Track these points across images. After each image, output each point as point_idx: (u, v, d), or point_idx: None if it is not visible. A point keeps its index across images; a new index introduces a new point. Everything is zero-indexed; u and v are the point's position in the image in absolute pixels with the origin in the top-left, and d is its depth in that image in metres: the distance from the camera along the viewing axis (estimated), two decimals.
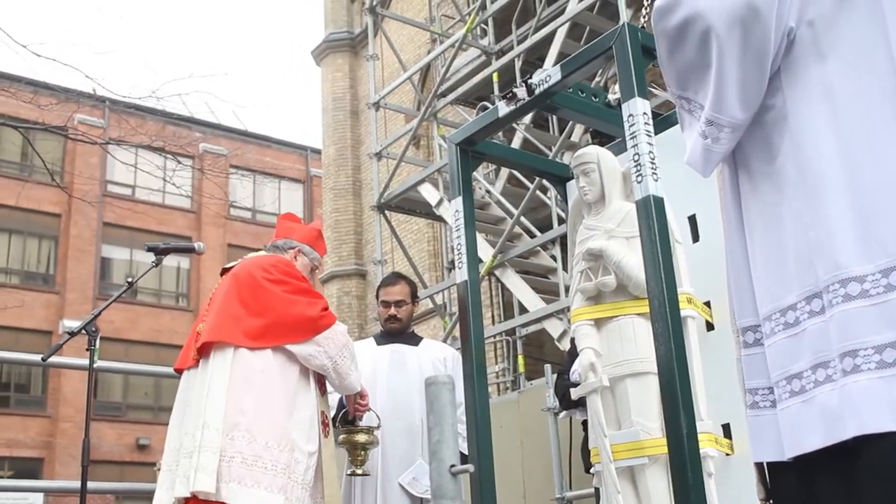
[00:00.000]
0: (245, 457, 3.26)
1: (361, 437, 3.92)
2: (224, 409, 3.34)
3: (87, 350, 4.13)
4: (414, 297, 4.74)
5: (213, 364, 3.45)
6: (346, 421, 4.04)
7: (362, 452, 3.91)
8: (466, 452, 3.65)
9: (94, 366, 4.17)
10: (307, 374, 3.57)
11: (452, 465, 1.28)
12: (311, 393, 3.56)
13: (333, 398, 4.36)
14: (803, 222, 1.76)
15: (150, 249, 4.13)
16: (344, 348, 3.58)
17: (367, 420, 4.16)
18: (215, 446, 3.27)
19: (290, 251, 3.86)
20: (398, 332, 4.64)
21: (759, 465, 1.96)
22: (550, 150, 9.40)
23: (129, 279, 4.29)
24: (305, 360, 3.52)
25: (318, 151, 26.58)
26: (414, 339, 4.71)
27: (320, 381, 3.67)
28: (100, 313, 4.14)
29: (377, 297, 4.75)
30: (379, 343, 4.63)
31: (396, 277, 4.87)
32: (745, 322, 1.92)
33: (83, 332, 4.15)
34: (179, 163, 10.35)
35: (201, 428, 3.31)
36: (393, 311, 4.61)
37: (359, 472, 3.92)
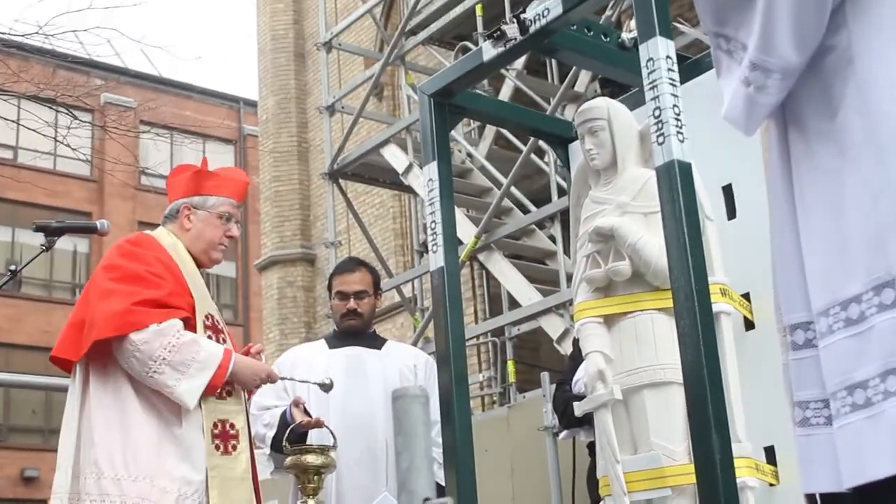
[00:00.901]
0: (93, 498, 3.33)
1: (313, 459, 3.90)
2: (73, 443, 3.43)
3: None
4: (377, 289, 4.75)
5: (70, 388, 3.58)
6: (294, 440, 4.04)
7: (315, 478, 3.90)
8: (443, 483, 3.66)
9: None
10: None
11: (427, 499, 1.28)
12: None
13: (276, 409, 4.38)
14: (871, 192, 1.78)
15: (38, 229, 4.09)
16: (163, 351, 3.45)
17: (317, 438, 4.16)
18: (62, 492, 3.38)
19: (178, 216, 3.80)
20: (358, 331, 4.64)
21: (810, 498, 1.98)
22: (549, 103, 9.40)
23: (12, 267, 4.25)
24: (125, 366, 3.50)
25: (253, 104, 26.38)
26: (376, 342, 4.72)
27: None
28: None
29: (330, 287, 4.76)
30: (332, 346, 4.64)
31: (355, 263, 4.86)
32: (794, 318, 1.94)
33: None
34: (75, 118, 10.26)
35: (56, 470, 3.44)
36: (352, 303, 4.61)
37: (310, 503, 3.92)
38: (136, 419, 3.44)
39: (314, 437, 4.19)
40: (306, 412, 4.19)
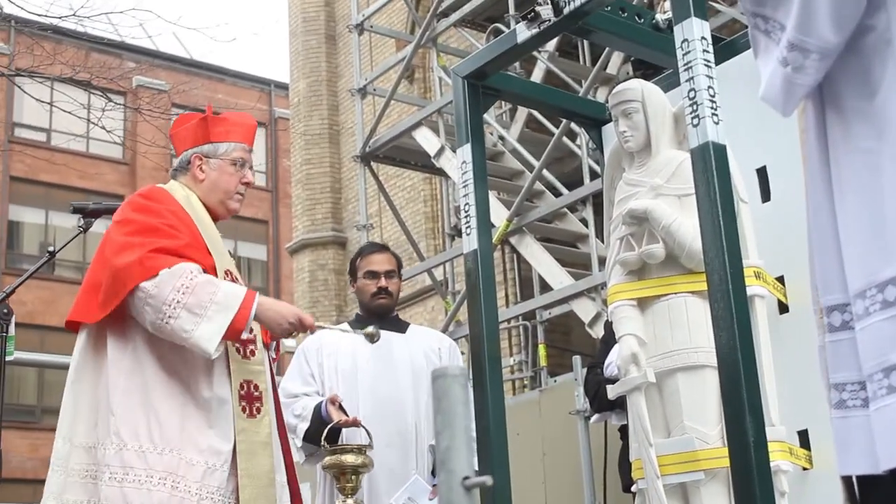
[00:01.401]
0: (114, 471, 3.15)
1: (351, 459, 3.92)
2: (72, 412, 3.30)
3: None
4: (400, 272, 4.78)
5: (76, 353, 3.42)
6: (330, 438, 4.06)
7: (353, 478, 3.93)
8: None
9: (8, 358, 4.18)
10: None
11: (466, 478, 1.29)
12: (209, 362, 3.30)
13: (308, 400, 4.39)
14: None
15: (76, 210, 4.13)
16: (176, 294, 3.21)
17: (351, 437, 4.18)
18: (61, 463, 3.25)
19: (189, 166, 3.60)
20: (387, 311, 4.67)
21: (846, 480, 1.98)
22: (581, 84, 9.38)
23: (50, 248, 4.29)
24: (140, 320, 3.27)
25: (284, 87, 26.48)
26: (400, 326, 4.74)
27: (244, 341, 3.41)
28: (12, 292, 4.16)
29: (354, 270, 4.77)
30: (357, 330, 4.65)
31: (381, 245, 4.91)
32: (830, 300, 1.94)
33: None
34: (110, 100, 10.33)
35: (56, 439, 3.29)
36: (383, 282, 4.63)
37: (349, 502, 3.94)
38: (159, 385, 3.25)
39: (348, 435, 4.20)
40: (342, 409, 4.20)
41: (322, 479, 4.47)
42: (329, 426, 4.09)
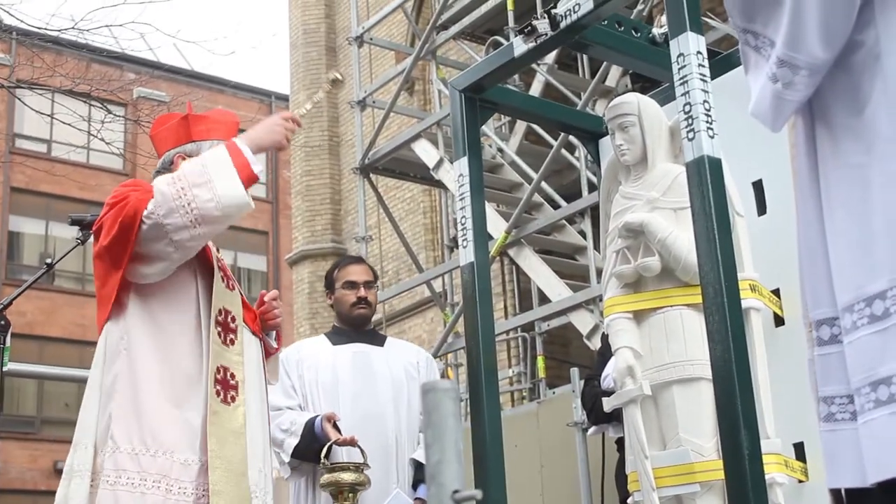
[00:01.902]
0: (108, 474, 3.08)
1: (348, 477, 3.93)
2: (91, 417, 3.20)
3: None
4: (377, 285, 4.82)
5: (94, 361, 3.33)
6: (317, 456, 4.07)
7: (350, 496, 3.94)
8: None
9: (4, 369, 4.19)
10: (184, 317, 3.28)
11: (455, 491, 1.30)
12: (184, 341, 3.24)
13: (291, 419, 4.37)
14: None
15: (74, 222, 4.13)
16: (173, 187, 3.11)
17: (345, 455, 4.18)
18: (84, 469, 3.12)
19: (172, 167, 3.46)
20: (366, 321, 4.68)
21: (835, 493, 1.99)
22: (579, 97, 9.40)
23: (48, 261, 4.30)
24: (159, 249, 3.13)
25: (284, 98, 26.53)
26: (378, 338, 4.76)
27: (221, 324, 3.30)
28: (10, 303, 4.17)
29: (331, 282, 4.78)
30: (335, 342, 4.66)
31: (358, 258, 4.95)
32: (819, 314, 1.95)
33: None
34: (109, 112, 10.34)
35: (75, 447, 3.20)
36: (363, 292, 4.64)
37: None
38: (149, 383, 3.16)
39: (342, 453, 4.21)
40: (336, 428, 4.21)
41: (297, 494, 4.47)
42: (328, 444, 4.09)
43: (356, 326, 4.67)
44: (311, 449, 4.22)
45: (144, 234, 3.11)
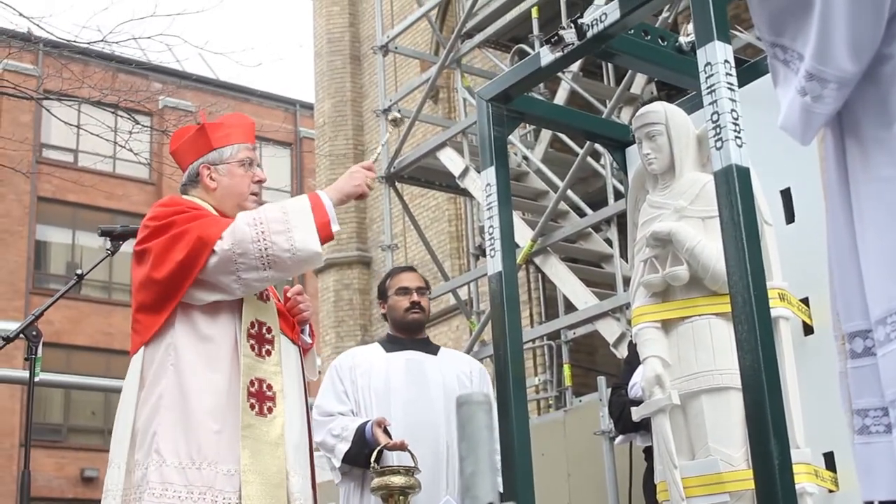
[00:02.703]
0: (154, 488, 3.12)
1: (399, 480, 3.94)
2: (126, 433, 3.23)
3: (27, 359, 4.19)
4: (429, 293, 4.83)
5: (125, 381, 3.37)
6: (369, 461, 4.09)
7: (401, 499, 3.94)
8: (500, 489, 3.70)
9: (37, 379, 4.23)
10: (224, 330, 3.33)
11: (490, 503, 1.31)
12: (225, 354, 3.29)
13: (337, 425, 4.39)
14: None
15: (104, 234, 4.16)
16: (254, 230, 3.21)
17: (395, 460, 4.19)
18: (115, 489, 3.18)
19: (198, 178, 3.52)
20: (420, 326, 4.70)
21: None
22: (604, 105, 9.40)
23: (79, 271, 4.33)
24: (224, 281, 3.22)
25: (309, 107, 26.57)
26: (431, 347, 4.77)
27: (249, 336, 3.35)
28: (42, 313, 4.21)
29: (384, 290, 4.80)
30: (388, 350, 4.67)
31: (410, 267, 4.97)
32: (852, 326, 1.95)
33: (21, 336, 4.22)
34: (137, 122, 10.40)
35: (109, 466, 3.25)
36: (416, 297, 4.66)
37: None
38: (196, 398, 3.21)
39: (393, 457, 4.22)
40: (387, 432, 4.23)
41: (347, 498, 4.49)
42: (378, 448, 4.10)
43: (410, 333, 4.69)
44: (362, 454, 4.24)
45: (213, 267, 3.20)
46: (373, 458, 4.05)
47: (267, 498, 3.20)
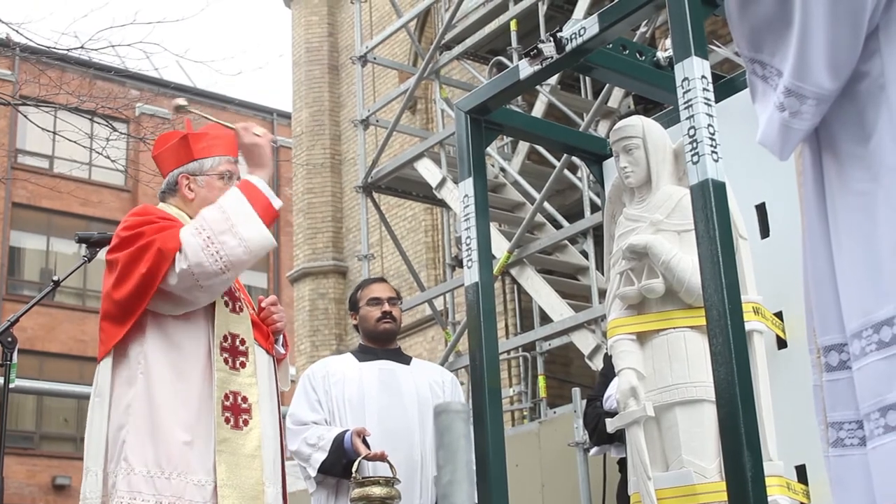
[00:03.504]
0: (121, 496, 3.09)
1: (379, 491, 3.93)
2: (100, 442, 3.19)
3: (1, 365, 4.16)
4: (401, 303, 4.85)
5: (93, 387, 3.35)
6: (346, 471, 4.07)
7: None
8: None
9: (12, 385, 4.20)
10: (197, 342, 3.31)
11: None
12: (198, 364, 3.27)
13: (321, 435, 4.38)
14: None
15: (81, 240, 4.14)
16: (198, 237, 3.20)
17: (371, 470, 4.19)
18: (93, 498, 3.14)
19: (177, 187, 3.53)
20: (392, 337, 4.70)
21: None
22: (582, 118, 9.44)
23: (55, 277, 4.30)
24: (188, 295, 3.21)
25: (286, 116, 26.56)
26: (404, 357, 4.78)
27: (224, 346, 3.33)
28: (18, 319, 4.18)
29: (355, 301, 4.81)
30: (361, 360, 4.67)
31: (380, 278, 5.00)
32: (827, 340, 1.96)
33: None
34: (114, 129, 10.36)
35: (83, 475, 3.21)
36: (387, 307, 4.67)
37: None
38: (165, 407, 3.18)
39: (369, 466, 4.22)
40: (365, 442, 4.22)
41: None
42: (358, 459, 4.09)
43: (382, 343, 4.69)
44: (339, 463, 4.24)
45: (174, 286, 3.19)
46: (354, 469, 4.04)
47: None
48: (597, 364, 7.91)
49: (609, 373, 4.07)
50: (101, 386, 3.29)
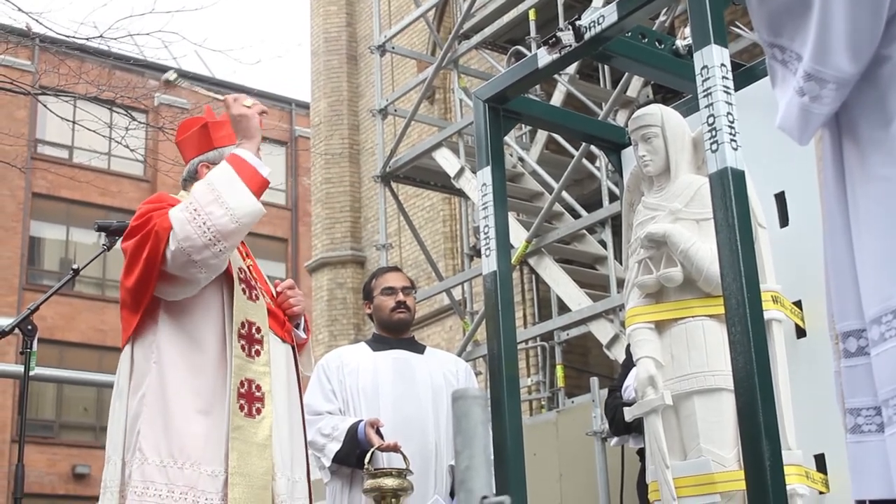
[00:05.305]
0: (135, 485, 3.11)
1: (391, 482, 3.94)
2: (119, 430, 3.22)
3: (22, 353, 4.19)
4: (415, 292, 4.85)
5: (117, 376, 3.37)
6: (360, 462, 4.08)
7: (393, 501, 3.95)
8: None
9: (32, 373, 4.22)
10: (211, 330, 3.32)
11: (485, 497, 1.31)
12: (212, 354, 3.29)
13: (334, 425, 4.40)
14: None
15: (100, 229, 4.15)
16: (186, 212, 3.18)
17: (385, 461, 4.20)
18: (113, 486, 3.17)
19: (196, 176, 3.51)
20: (406, 326, 4.70)
21: None
22: (600, 107, 9.41)
23: (75, 266, 4.33)
24: (184, 273, 3.18)
25: (305, 106, 26.58)
26: (417, 346, 4.78)
27: (243, 335, 3.32)
28: (38, 307, 4.21)
29: (369, 290, 4.81)
30: (375, 349, 4.68)
31: (394, 267, 5.01)
32: (846, 326, 1.96)
33: (16, 330, 4.22)
34: (133, 119, 10.40)
35: (105, 463, 3.24)
36: (401, 296, 4.67)
37: None
38: (179, 398, 3.19)
39: (383, 459, 4.23)
40: (379, 434, 4.23)
41: (334, 498, 4.49)
42: (371, 450, 4.10)
43: (396, 332, 4.69)
44: (353, 454, 4.25)
45: (170, 265, 3.18)
46: (366, 460, 4.05)
47: (252, 500, 3.18)
48: (615, 353, 7.91)
49: (631, 363, 4.07)
50: (121, 375, 3.32)
